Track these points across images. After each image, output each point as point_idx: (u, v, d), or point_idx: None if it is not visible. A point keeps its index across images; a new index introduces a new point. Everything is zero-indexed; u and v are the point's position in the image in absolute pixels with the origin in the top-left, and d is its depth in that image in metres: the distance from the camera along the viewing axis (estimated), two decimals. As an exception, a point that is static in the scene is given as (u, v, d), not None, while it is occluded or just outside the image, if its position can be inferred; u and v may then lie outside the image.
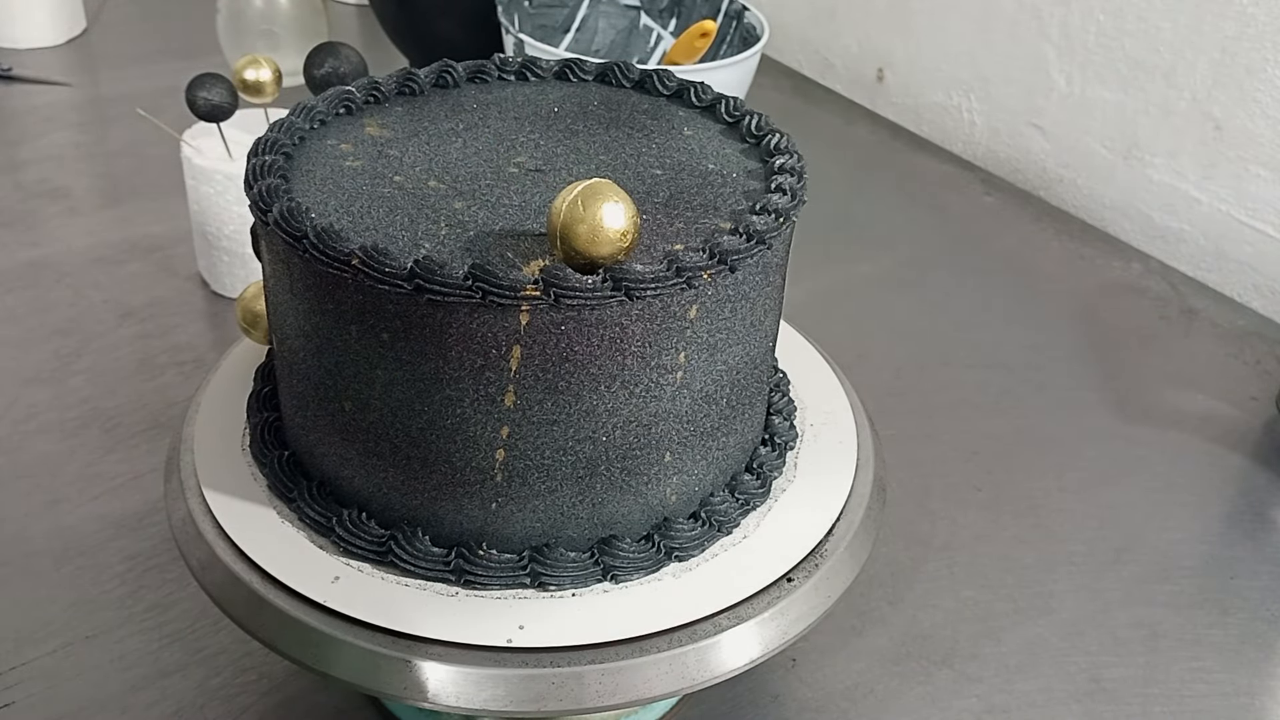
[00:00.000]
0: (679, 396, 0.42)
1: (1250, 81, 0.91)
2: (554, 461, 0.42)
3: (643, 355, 0.40)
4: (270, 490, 0.46)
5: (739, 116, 0.51)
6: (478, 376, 0.40)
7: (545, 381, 0.40)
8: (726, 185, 0.46)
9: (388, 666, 0.41)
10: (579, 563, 0.43)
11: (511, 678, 0.40)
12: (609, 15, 1.02)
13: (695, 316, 0.41)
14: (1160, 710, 0.57)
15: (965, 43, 1.12)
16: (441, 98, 0.51)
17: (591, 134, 0.49)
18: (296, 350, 0.44)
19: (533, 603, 0.43)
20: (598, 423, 0.41)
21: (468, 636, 0.41)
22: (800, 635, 0.44)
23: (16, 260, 0.84)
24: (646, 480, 0.44)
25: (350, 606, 0.42)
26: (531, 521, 0.43)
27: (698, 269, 0.40)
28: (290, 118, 0.47)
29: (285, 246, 0.41)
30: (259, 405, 0.49)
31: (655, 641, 0.42)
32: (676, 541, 0.44)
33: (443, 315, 0.39)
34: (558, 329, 0.39)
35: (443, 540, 0.43)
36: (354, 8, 1.33)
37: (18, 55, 1.14)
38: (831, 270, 0.91)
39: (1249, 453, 0.75)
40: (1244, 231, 0.94)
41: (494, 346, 0.39)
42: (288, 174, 0.44)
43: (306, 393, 0.44)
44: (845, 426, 0.53)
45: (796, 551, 0.46)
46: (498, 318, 0.38)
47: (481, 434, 0.41)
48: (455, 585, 0.43)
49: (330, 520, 0.44)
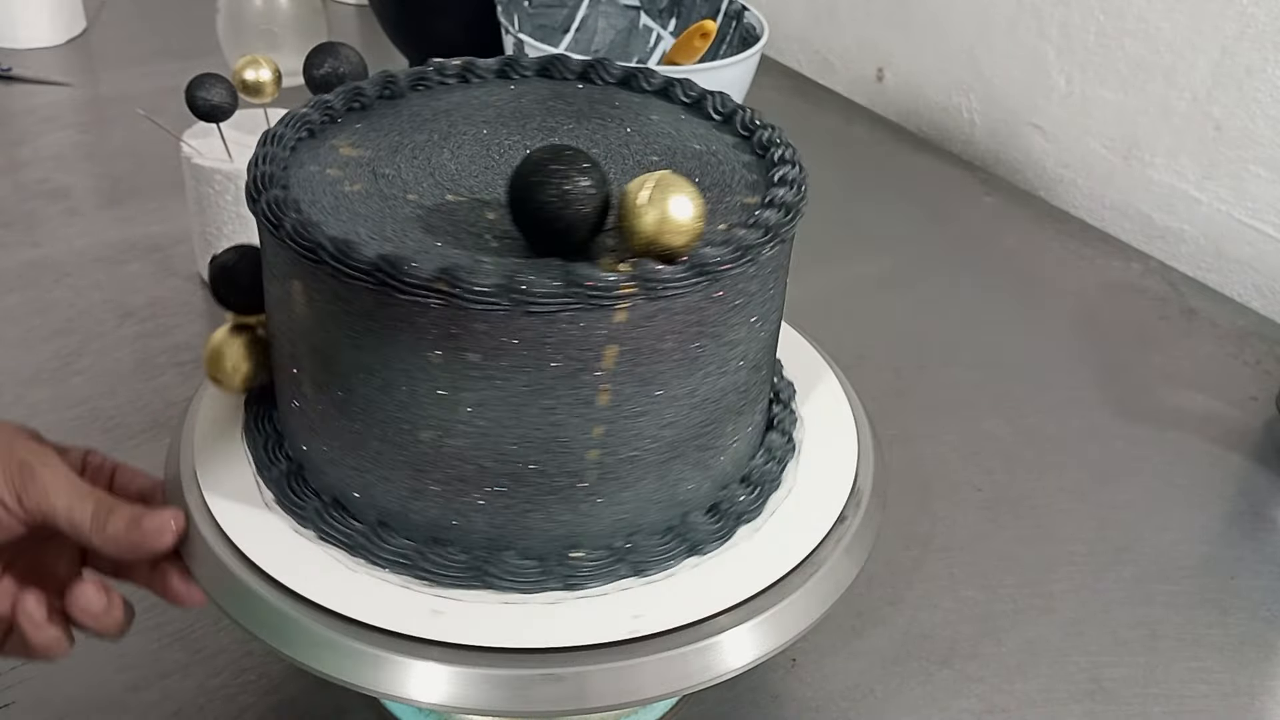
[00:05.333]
0: (740, 369, 0.44)
1: (1250, 81, 0.91)
2: (642, 452, 0.42)
3: (717, 334, 0.42)
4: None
5: (696, 98, 0.52)
6: (574, 380, 0.40)
7: (637, 375, 0.41)
8: (724, 163, 0.47)
9: (387, 666, 0.41)
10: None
11: (511, 678, 0.40)
12: (609, 15, 1.02)
13: (754, 290, 0.43)
14: (1160, 710, 0.57)
15: (965, 43, 1.12)
16: (395, 110, 0.50)
17: (568, 128, 0.49)
18: (352, 390, 0.42)
19: (532, 603, 0.43)
20: (680, 406, 0.42)
21: (467, 637, 0.41)
22: (800, 635, 0.44)
23: (16, 260, 0.84)
24: (713, 454, 0.45)
25: (350, 607, 0.42)
26: (619, 515, 0.44)
27: (756, 245, 0.41)
28: (264, 150, 0.45)
29: (345, 284, 0.39)
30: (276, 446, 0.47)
31: (655, 642, 0.42)
32: (700, 532, 0.45)
33: (541, 326, 0.38)
34: (650, 321, 0.40)
35: (533, 553, 0.43)
36: (354, 8, 1.33)
37: (18, 55, 1.14)
38: (831, 270, 0.91)
39: (1249, 453, 0.75)
40: (1244, 231, 0.94)
41: (590, 349, 0.39)
42: (300, 206, 0.42)
43: (364, 431, 0.42)
44: (845, 427, 0.53)
45: (796, 551, 0.45)
46: (596, 320, 0.39)
47: (576, 437, 0.41)
48: (561, 592, 0.43)
49: (417, 559, 0.43)
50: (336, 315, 0.41)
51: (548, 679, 0.40)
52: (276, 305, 0.44)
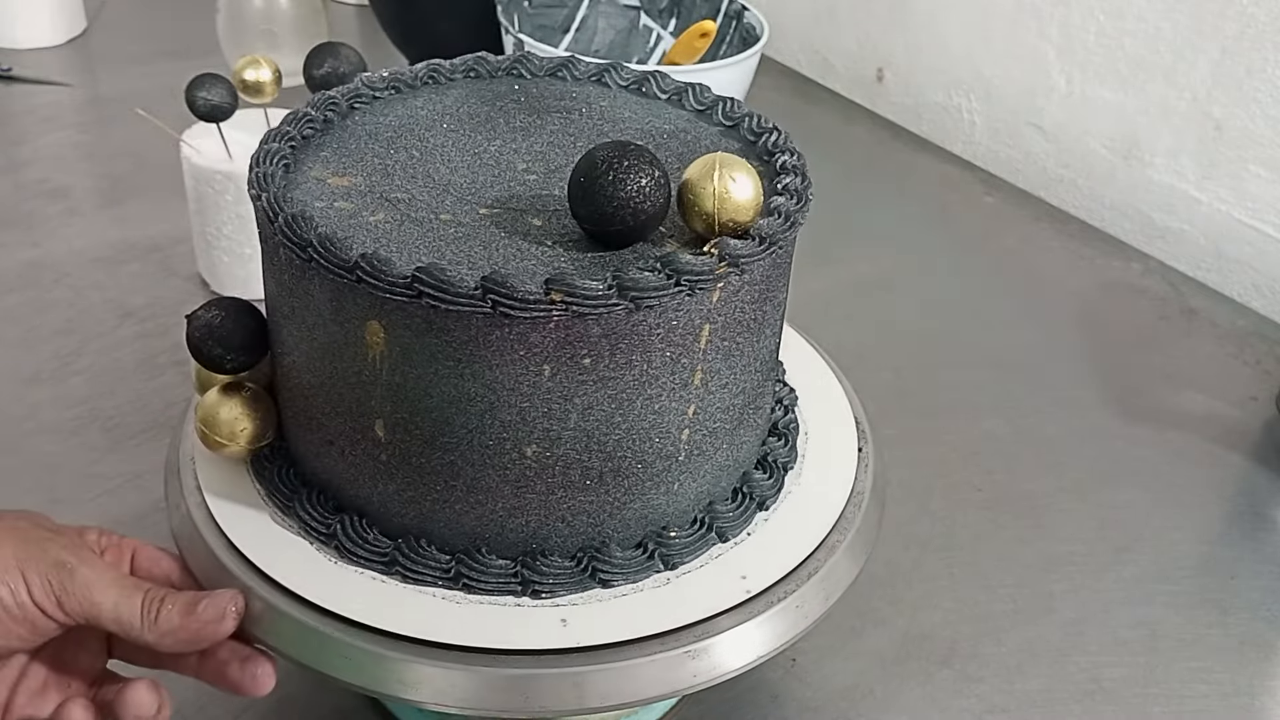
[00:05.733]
0: (780, 329, 0.48)
1: (1250, 81, 0.91)
2: (724, 423, 0.44)
3: (774, 297, 0.45)
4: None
5: (633, 82, 0.53)
6: (675, 366, 0.41)
7: (723, 349, 0.42)
8: (702, 139, 0.49)
9: (388, 667, 0.41)
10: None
11: (511, 678, 0.40)
12: (609, 15, 1.02)
13: (791, 260, 0.46)
14: (1160, 710, 0.57)
15: (965, 43, 1.12)
16: (348, 130, 0.48)
17: (539, 125, 0.50)
18: (448, 423, 0.41)
19: (533, 603, 0.43)
20: (752, 372, 0.45)
21: (467, 638, 0.41)
22: (800, 635, 0.44)
23: (16, 260, 0.84)
24: (764, 415, 0.49)
25: (350, 608, 0.42)
26: (704, 488, 0.45)
27: (793, 212, 0.43)
28: (260, 171, 0.43)
29: (446, 314, 0.38)
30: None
31: (656, 642, 0.42)
32: (726, 519, 0.46)
33: (652, 319, 0.39)
34: (735, 297, 0.42)
35: (631, 542, 0.44)
36: (354, 8, 1.33)
37: (18, 55, 1.14)
38: (831, 270, 0.91)
39: (1249, 453, 0.75)
40: (1244, 231, 0.94)
41: (689, 333, 0.41)
42: (332, 241, 0.39)
43: (458, 461, 0.41)
44: (845, 427, 0.53)
45: (797, 552, 0.46)
46: (697, 304, 0.40)
47: (673, 420, 0.42)
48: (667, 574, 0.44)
49: (525, 574, 0.43)
50: (430, 349, 0.39)
51: (548, 679, 0.40)
52: (325, 354, 0.42)
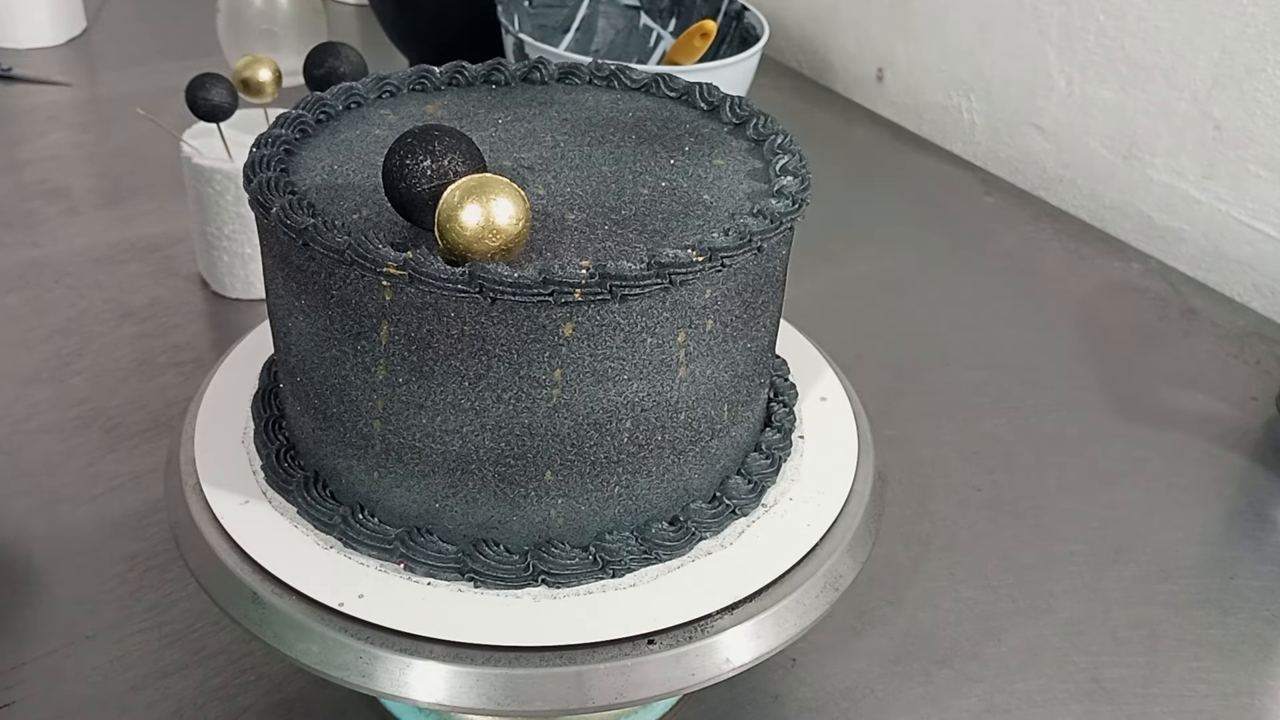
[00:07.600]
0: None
1: (1250, 81, 0.91)
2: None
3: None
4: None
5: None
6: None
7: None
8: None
9: (387, 666, 0.41)
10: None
11: (511, 677, 0.40)
12: (609, 15, 1.02)
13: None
14: (1160, 710, 0.57)
15: (965, 43, 1.12)
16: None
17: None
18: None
19: (532, 602, 0.43)
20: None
21: (468, 636, 0.41)
22: (800, 635, 0.44)
23: (16, 260, 0.84)
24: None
25: (350, 607, 0.42)
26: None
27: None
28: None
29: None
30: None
31: (655, 641, 0.42)
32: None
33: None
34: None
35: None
36: (354, 8, 1.33)
37: (18, 55, 1.14)
38: (831, 270, 0.91)
39: (1249, 453, 0.75)
40: (1244, 231, 0.94)
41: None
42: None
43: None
44: (845, 427, 0.53)
45: (796, 551, 0.46)
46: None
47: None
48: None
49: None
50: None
51: (548, 679, 0.40)
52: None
